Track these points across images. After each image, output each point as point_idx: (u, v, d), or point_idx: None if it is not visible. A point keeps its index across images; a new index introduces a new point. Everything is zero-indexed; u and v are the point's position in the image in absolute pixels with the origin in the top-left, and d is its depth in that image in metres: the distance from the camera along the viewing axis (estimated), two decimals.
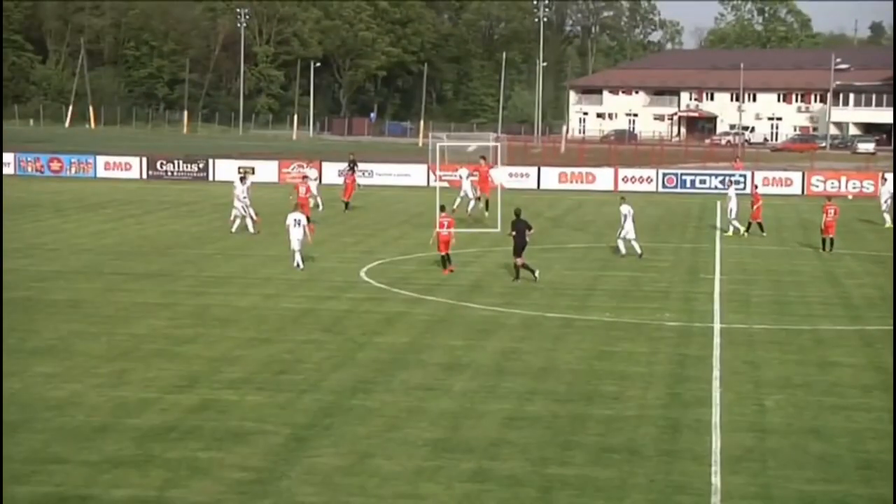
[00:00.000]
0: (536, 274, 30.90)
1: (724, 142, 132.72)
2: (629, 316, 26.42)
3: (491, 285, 30.50)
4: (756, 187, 47.39)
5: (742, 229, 42.57)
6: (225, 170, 64.85)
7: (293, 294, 28.49)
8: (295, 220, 32.47)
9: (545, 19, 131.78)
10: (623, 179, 65.47)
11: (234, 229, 40.15)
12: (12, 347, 21.85)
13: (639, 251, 36.00)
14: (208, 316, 25.44)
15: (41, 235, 38.92)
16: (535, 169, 68.15)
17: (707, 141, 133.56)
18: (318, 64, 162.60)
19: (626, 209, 35.94)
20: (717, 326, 25.29)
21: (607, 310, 27.11)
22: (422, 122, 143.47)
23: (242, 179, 41.15)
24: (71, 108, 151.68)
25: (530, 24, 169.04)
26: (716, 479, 15.23)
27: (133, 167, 68.00)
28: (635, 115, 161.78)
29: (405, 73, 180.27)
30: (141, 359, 21.22)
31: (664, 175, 65.96)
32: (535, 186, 65.36)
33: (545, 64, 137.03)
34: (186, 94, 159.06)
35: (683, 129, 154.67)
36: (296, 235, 32.19)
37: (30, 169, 68.52)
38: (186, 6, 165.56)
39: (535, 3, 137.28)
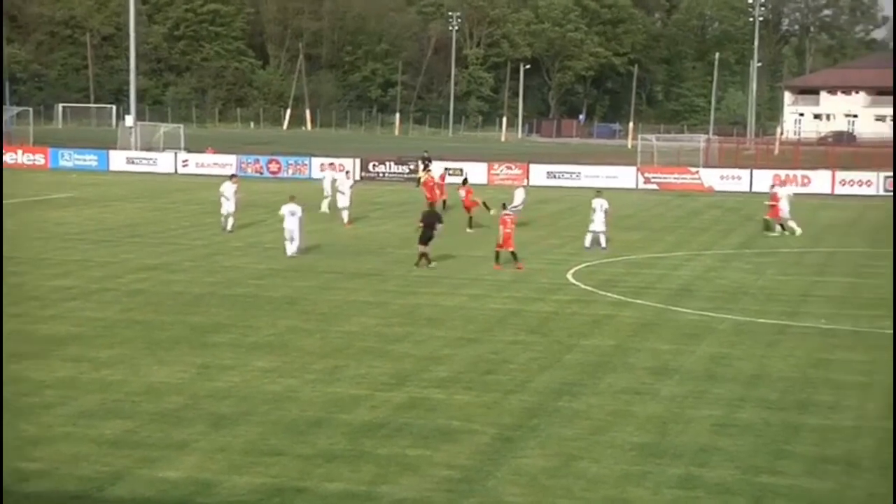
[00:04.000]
0: (433, 265, 32.36)
1: None
2: (847, 323, 25.53)
3: (700, 289, 29.99)
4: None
5: None
6: (435, 171, 65.55)
7: (500, 295, 28.67)
8: (290, 211, 34.20)
9: (761, 18, 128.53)
10: (840, 182, 63.34)
11: (229, 228, 40.44)
12: (233, 343, 22.72)
13: (603, 244, 36.64)
14: (417, 315, 25.86)
15: (259, 235, 40.30)
16: (748, 171, 66.58)
17: None
18: (528, 66, 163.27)
19: (598, 203, 36.96)
20: None
21: (823, 316, 26.27)
22: (631, 124, 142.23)
23: (232, 178, 42.60)
24: (289, 111, 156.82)
25: (744, 24, 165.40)
26: None
27: (347, 168, 69.67)
28: (855, 115, 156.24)
29: (615, 74, 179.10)
30: (353, 356, 21.73)
31: (885, 178, 63.41)
32: (747, 189, 63.84)
33: (760, 64, 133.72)
34: (399, 97, 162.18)
35: None
36: (289, 225, 34.08)
37: (250, 170, 71.06)
38: (400, 10, 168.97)
39: (750, 1, 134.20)
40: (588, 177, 66.17)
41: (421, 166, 64.80)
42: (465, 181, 44.94)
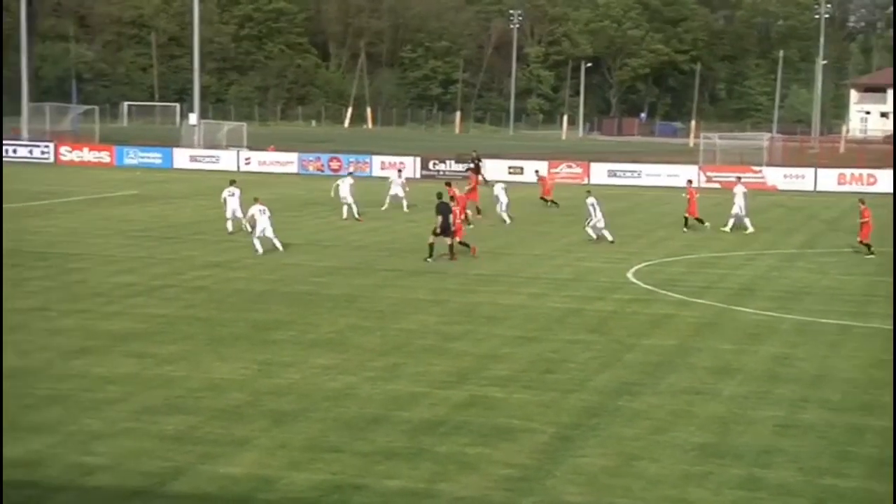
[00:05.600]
0: (429, 260, 33.06)
1: None
2: None
3: (763, 289, 29.69)
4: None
5: None
6: (494, 169, 65.51)
7: (559, 294, 28.58)
8: (260, 209, 34.52)
9: (826, 15, 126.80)
10: None
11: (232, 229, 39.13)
12: (293, 340, 22.86)
13: (610, 238, 37.68)
14: (477, 313, 25.84)
15: (319, 232, 40.53)
16: (812, 170, 65.82)
17: None
18: (589, 64, 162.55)
19: (591, 200, 38.36)
20: None
21: (887, 317, 25.88)
22: (693, 122, 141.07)
23: (233, 183, 40.39)
24: (350, 109, 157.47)
25: (809, 21, 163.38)
26: None
27: (406, 167, 69.82)
28: None
29: (676, 72, 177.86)
30: (412, 353, 21.77)
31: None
32: (811, 188, 63.17)
33: (825, 62, 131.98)
34: (459, 95, 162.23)
35: None
36: (261, 224, 34.35)
37: (311, 168, 71.58)
38: (460, 8, 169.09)
39: None
40: (649, 175, 65.86)
41: (471, 166, 64.69)
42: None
